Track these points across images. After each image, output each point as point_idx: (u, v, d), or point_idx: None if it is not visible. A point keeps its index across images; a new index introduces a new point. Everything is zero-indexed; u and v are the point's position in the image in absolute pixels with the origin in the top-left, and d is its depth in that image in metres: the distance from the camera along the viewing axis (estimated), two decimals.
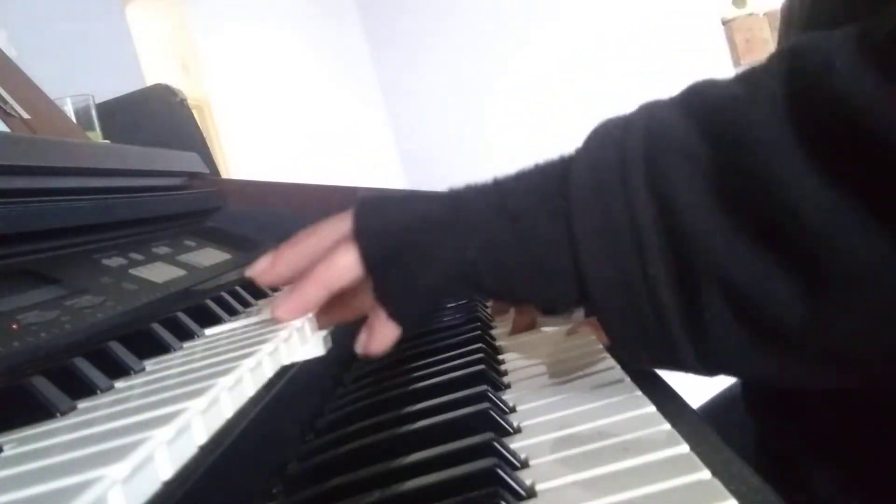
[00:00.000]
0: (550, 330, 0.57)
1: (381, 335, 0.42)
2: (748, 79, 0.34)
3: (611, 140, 0.37)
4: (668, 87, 0.40)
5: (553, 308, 0.39)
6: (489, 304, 0.71)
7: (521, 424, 0.39)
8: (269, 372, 0.38)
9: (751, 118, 0.32)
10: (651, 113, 0.37)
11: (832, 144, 0.30)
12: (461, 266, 0.38)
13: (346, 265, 0.41)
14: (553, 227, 0.37)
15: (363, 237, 0.40)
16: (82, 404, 0.34)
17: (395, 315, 0.41)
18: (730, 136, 0.33)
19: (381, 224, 0.41)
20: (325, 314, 0.44)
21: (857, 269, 0.30)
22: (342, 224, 0.42)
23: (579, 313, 0.57)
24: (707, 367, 0.36)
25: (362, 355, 0.44)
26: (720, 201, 0.33)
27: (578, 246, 0.36)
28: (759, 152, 0.31)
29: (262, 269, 0.44)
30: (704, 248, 0.33)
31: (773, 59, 0.34)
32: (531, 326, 0.61)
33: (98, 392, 0.35)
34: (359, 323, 0.44)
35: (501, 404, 0.41)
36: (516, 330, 0.61)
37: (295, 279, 0.43)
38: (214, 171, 1.12)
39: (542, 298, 0.38)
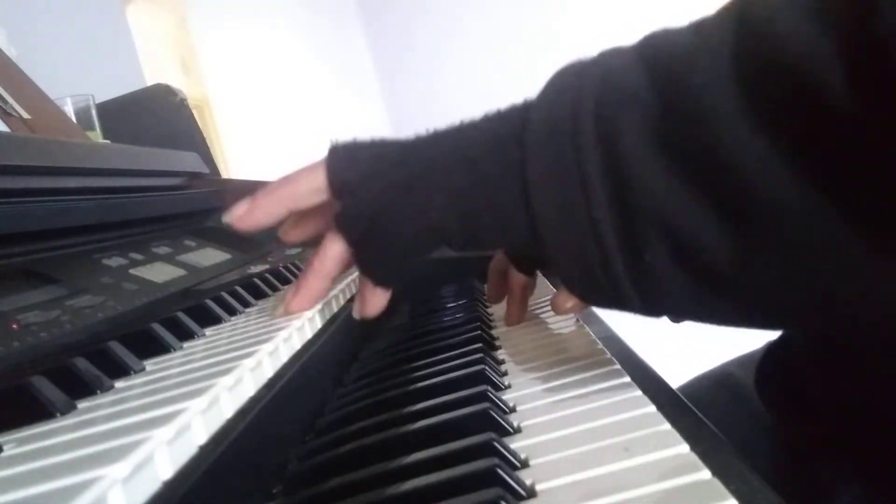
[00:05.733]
0: (549, 330, 0.57)
1: (372, 302, 0.47)
2: (700, 28, 0.35)
3: (567, 87, 0.38)
4: None
5: (519, 257, 0.41)
6: (489, 305, 0.72)
7: (521, 424, 0.39)
8: (269, 372, 0.38)
9: (697, 67, 0.33)
10: (608, 60, 0.38)
11: (770, 93, 0.31)
12: (428, 225, 0.41)
13: (338, 253, 0.46)
14: (508, 173, 0.38)
15: (345, 224, 0.44)
16: (82, 404, 0.34)
17: (380, 282, 0.46)
18: (676, 85, 0.33)
19: (356, 203, 0.43)
20: (293, 232, 0.50)
21: (784, 218, 0.31)
22: (315, 174, 0.45)
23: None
24: (650, 309, 0.37)
25: (359, 319, 0.48)
26: (662, 148, 0.33)
27: (529, 191, 0.37)
28: (700, 100, 0.32)
29: (239, 214, 0.47)
30: (645, 192, 0.34)
31: (724, 8, 0.34)
32: (522, 311, 0.61)
33: (98, 392, 0.35)
34: (359, 325, 0.45)
35: (501, 404, 0.41)
36: (512, 319, 0.61)
37: (271, 225, 0.47)
38: (214, 171, 1.12)
39: (505, 245, 0.40)
